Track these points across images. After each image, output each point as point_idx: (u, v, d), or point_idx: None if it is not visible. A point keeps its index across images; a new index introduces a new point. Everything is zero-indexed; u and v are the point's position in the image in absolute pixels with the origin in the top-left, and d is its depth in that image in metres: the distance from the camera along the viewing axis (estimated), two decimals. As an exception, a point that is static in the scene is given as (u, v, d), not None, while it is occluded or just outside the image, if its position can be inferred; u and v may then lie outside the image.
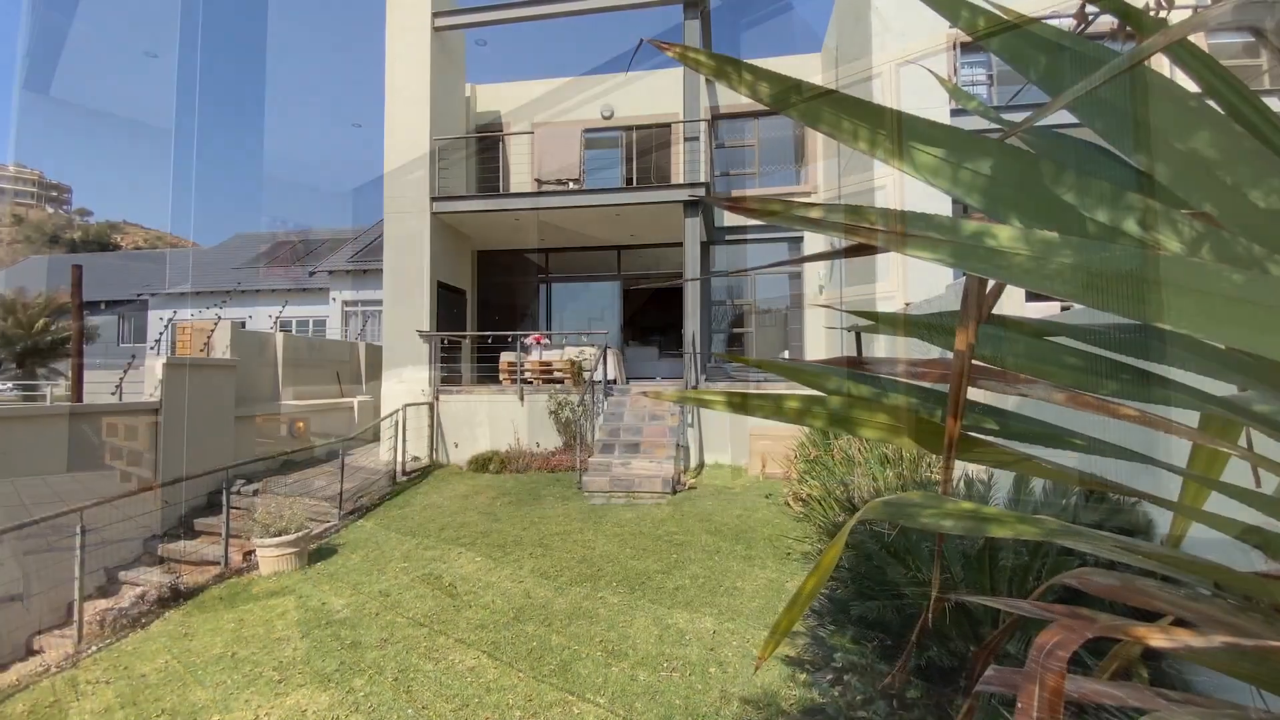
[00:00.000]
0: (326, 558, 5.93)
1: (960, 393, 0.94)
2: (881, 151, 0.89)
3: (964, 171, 0.90)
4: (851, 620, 3.20)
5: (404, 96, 10.60)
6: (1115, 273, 0.74)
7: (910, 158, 0.89)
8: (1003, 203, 0.90)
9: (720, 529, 5.99)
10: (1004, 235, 0.79)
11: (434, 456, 9.91)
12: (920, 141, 0.90)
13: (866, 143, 0.89)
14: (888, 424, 1.09)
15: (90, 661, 4.28)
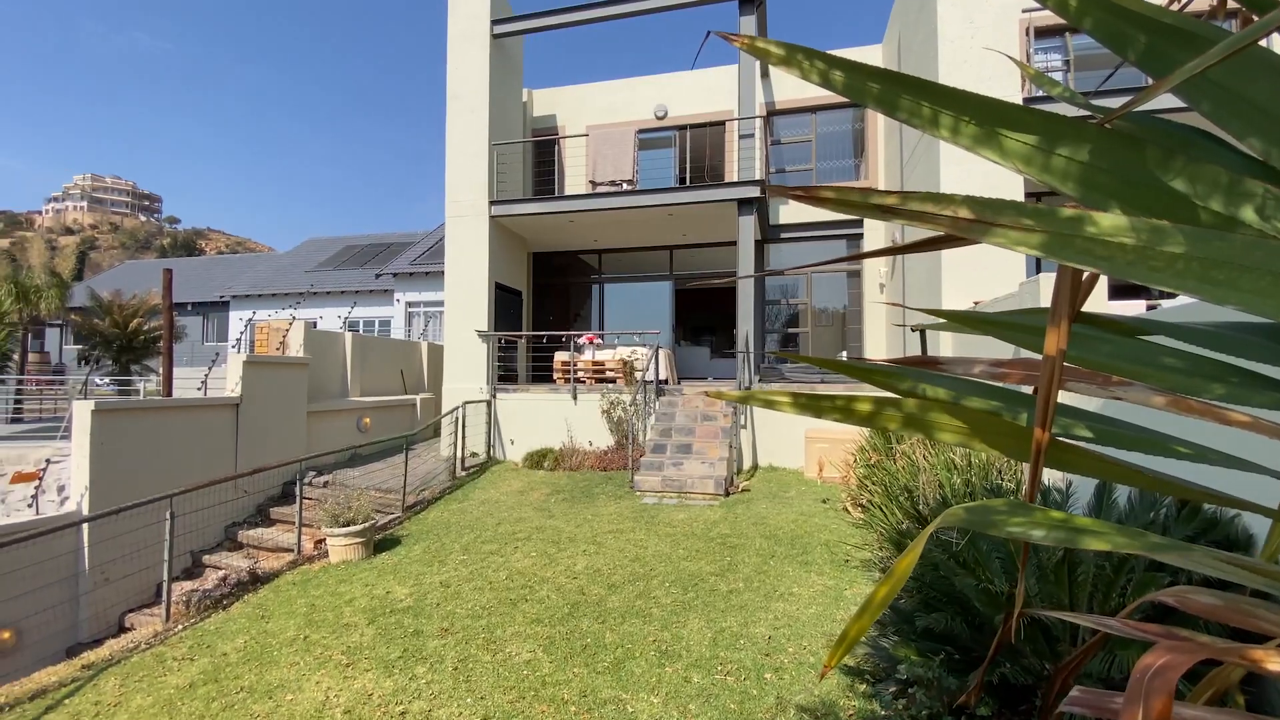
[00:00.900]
0: (390, 548, 6.16)
1: (1051, 396, 0.89)
2: (965, 138, 0.85)
3: (1057, 158, 0.84)
4: (917, 632, 3.07)
5: (464, 104, 10.91)
6: (1236, 264, 0.67)
7: (997, 144, 0.85)
8: (1102, 190, 0.84)
9: (775, 533, 5.88)
10: (1106, 223, 0.73)
11: (491, 453, 10.17)
12: (1009, 127, 0.85)
13: (948, 130, 0.85)
14: (967, 428, 1.04)
15: (176, 639, 4.59)
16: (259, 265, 25.14)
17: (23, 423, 11.02)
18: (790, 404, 1.05)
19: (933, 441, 4.19)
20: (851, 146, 12.00)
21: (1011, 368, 1.18)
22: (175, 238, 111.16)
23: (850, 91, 0.88)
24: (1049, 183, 0.84)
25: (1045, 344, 0.89)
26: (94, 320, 13.57)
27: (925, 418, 1.03)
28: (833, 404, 1.04)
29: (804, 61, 0.90)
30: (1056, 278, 0.89)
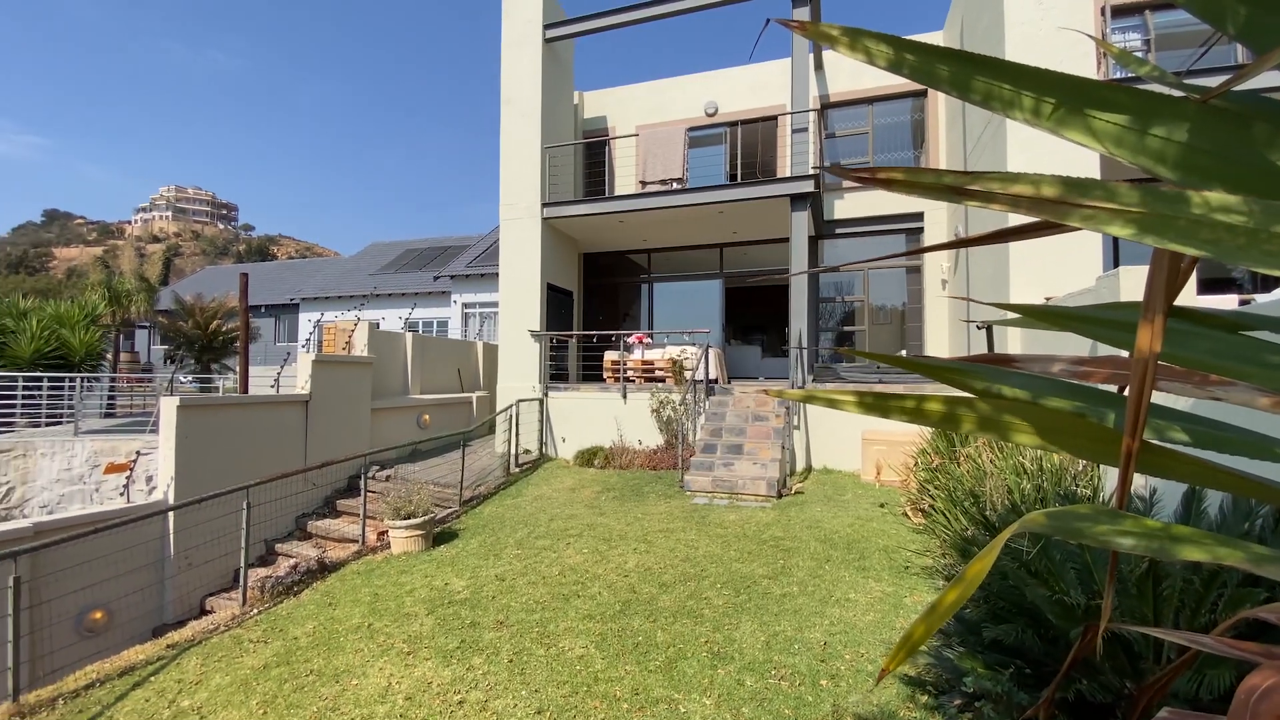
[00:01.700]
0: (448, 541, 6.35)
1: (1143, 396, 0.82)
2: (1048, 120, 0.80)
3: (1152, 139, 0.78)
4: (984, 643, 2.93)
5: (517, 109, 11.13)
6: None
7: (1084, 125, 0.79)
8: (1202, 172, 0.77)
9: (830, 537, 5.74)
10: (1214, 201, 0.67)
11: (543, 450, 10.34)
12: (1097, 107, 0.79)
13: (1029, 112, 0.80)
14: (1047, 430, 0.98)
15: (252, 622, 4.86)
16: (326, 269, 26.38)
17: (115, 417, 11.92)
18: (855, 404, 1.02)
19: (1009, 444, 4.02)
20: (910, 138, 11.59)
21: (1096, 366, 1.11)
22: (250, 244, 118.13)
23: (921, 75, 0.84)
24: (1143, 165, 0.78)
25: (1137, 340, 0.82)
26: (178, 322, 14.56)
27: (1002, 419, 0.98)
28: (901, 404, 1.00)
29: (871, 45, 0.86)
30: (1151, 265, 0.83)
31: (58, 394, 10.31)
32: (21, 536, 5.47)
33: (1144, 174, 0.76)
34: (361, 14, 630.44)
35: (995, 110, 0.81)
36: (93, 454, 8.63)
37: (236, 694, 3.69)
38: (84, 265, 79.00)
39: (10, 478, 8.69)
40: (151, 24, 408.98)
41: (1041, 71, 0.79)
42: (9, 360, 11.33)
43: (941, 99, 11.10)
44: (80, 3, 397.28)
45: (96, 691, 3.96)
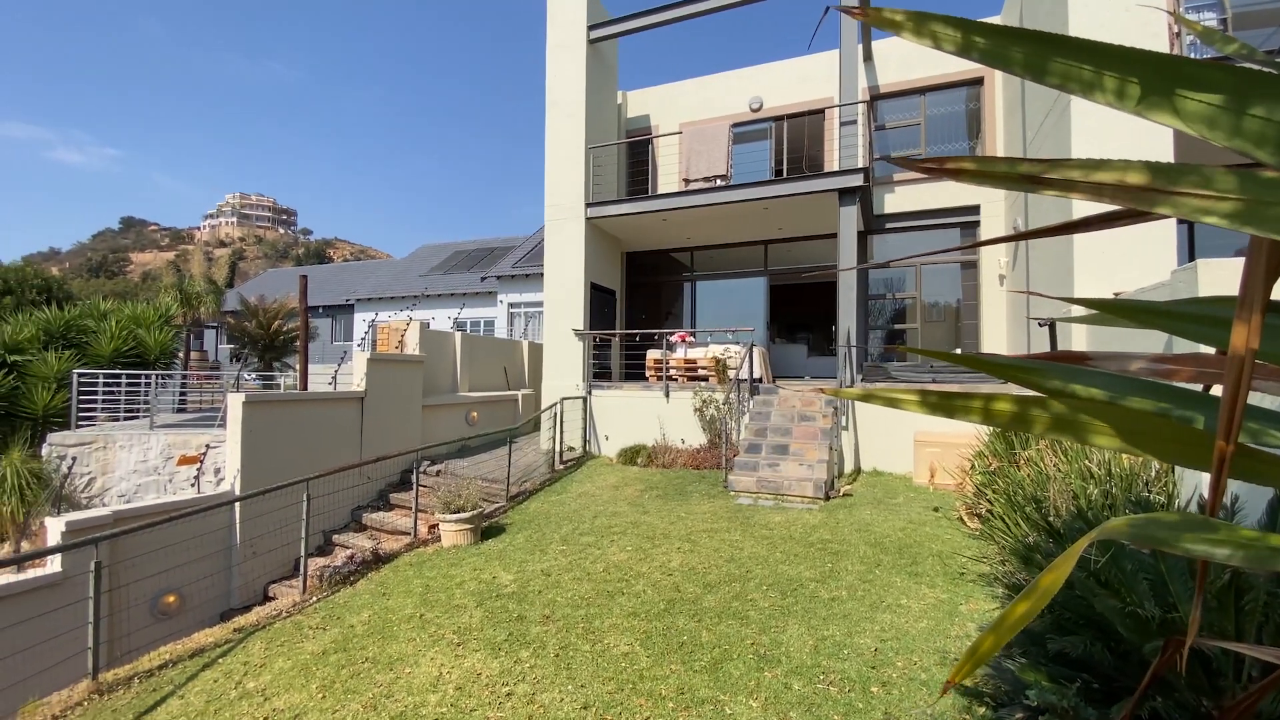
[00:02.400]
0: (495, 535, 6.48)
1: (1239, 396, 0.77)
2: (1132, 102, 0.75)
3: (1251, 119, 0.73)
4: (1048, 655, 2.80)
5: (562, 110, 11.25)
6: None
7: (1172, 106, 0.74)
8: (1310, 155, 0.71)
9: (881, 541, 5.59)
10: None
11: (587, 447, 10.43)
12: (1188, 86, 0.74)
13: (1111, 94, 0.76)
14: (1128, 432, 0.92)
15: (311, 609, 5.07)
16: (379, 271, 27.29)
17: (186, 412, 12.63)
18: (918, 404, 0.98)
19: (1085, 446, 3.84)
20: (965, 128, 11.16)
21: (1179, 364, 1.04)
22: (308, 247, 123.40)
23: (992, 58, 0.81)
24: (1239, 148, 0.73)
25: (1233, 336, 0.77)
26: (243, 322, 15.31)
27: (1079, 420, 0.92)
28: (968, 404, 0.96)
29: (938, 29, 0.83)
30: (1248, 256, 0.77)
31: (134, 390, 10.99)
32: (102, 524, 5.85)
33: (1240, 158, 0.71)
34: (410, 21, 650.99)
35: (1074, 93, 0.77)
36: (166, 447, 9.16)
37: (297, 677, 3.86)
38: (158, 269, 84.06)
39: (92, 468, 9.31)
40: (213, 38, 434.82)
41: (1127, 50, 0.74)
42: (91, 358, 12.15)
43: (999, 87, 10.65)
44: (148, 20, 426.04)
45: (169, 671, 4.21)
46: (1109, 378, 1.03)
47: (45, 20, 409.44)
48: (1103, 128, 6.70)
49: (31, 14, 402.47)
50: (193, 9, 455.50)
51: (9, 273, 22.11)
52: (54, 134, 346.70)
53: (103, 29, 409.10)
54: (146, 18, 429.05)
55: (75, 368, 11.17)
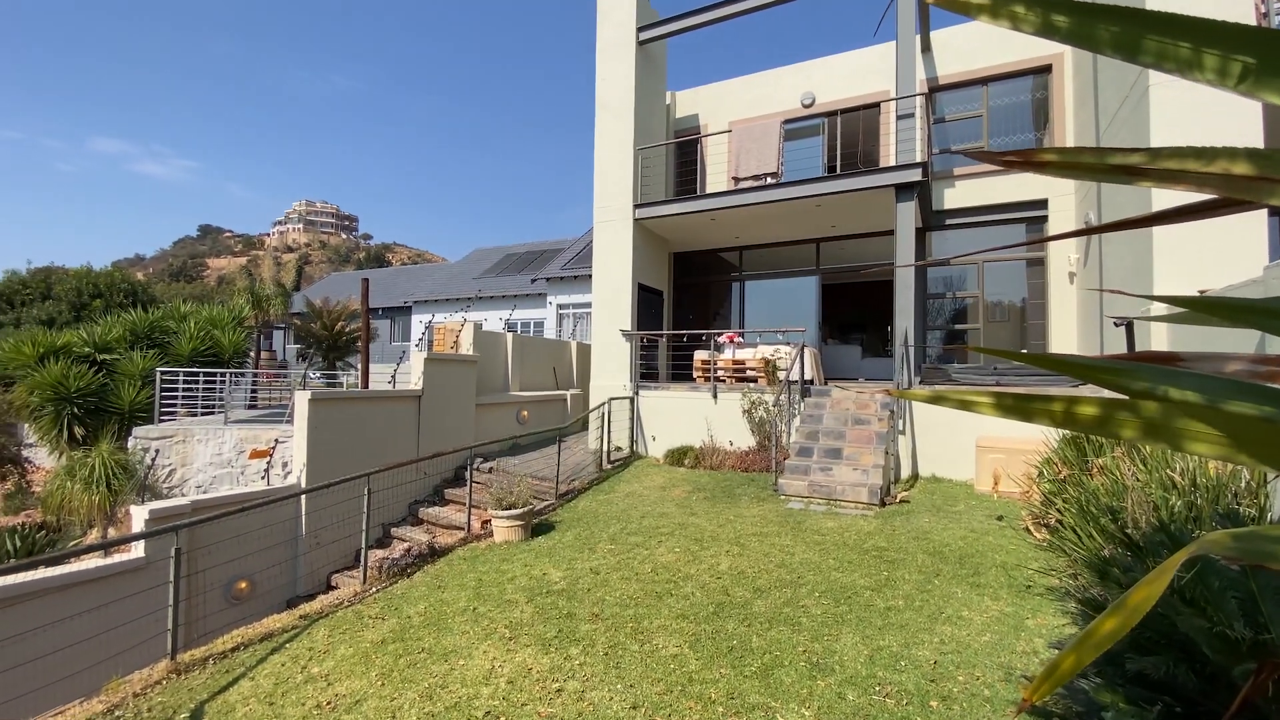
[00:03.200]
0: (545, 533, 6.57)
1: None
2: (1240, 81, 0.69)
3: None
4: (1126, 676, 2.63)
5: (611, 112, 11.33)
6: None
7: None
8: None
9: (940, 550, 5.38)
10: None
11: (634, 447, 10.46)
12: (1308, 59, 0.67)
13: (1213, 72, 0.70)
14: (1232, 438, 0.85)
15: (371, 600, 5.26)
16: (435, 274, 28.16)
17: (256, 408, 13.34)
18: (992, 406, 0.93)
19: (1179, 453, 3.61)
20: (1031, 119, 10.63)
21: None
22: (368, 252, 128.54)
23: (1076, 38, 0.76)
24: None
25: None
26: (309, 323, 16.07)
27: (1172, 425, 0.86)
28: (1047, 407, 0.90)
29: (1017, 10, 0.78)
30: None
31: (210, 387, 11.69)
32: (181, 513, 6.24)
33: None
34: (464, 31, 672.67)
35: (1170, 72, 0.71)
36: (239, 441, 9.71)
37: (358, 665, 4.01)
38: (231, 273, 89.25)
39: (172, 460, 9.96)
40: (281, 55, 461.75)
41: (1231, 26, 0.68)
42: (172, 357, 13.00)
43: (1069, 75, 10.09)
44: (221, 39, 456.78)
45: (241, 654, 4.44)
46: (1204, 380, 0.95)
47: (127, 42, 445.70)
48: (1184, 115, 6.26)
49: (114, 37, 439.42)
50: (259, 28, 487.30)
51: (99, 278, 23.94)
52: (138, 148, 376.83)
53: (178, 49, 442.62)
54: (218, 37, 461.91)
55: (158, 366, 11.96)
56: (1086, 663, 0.81)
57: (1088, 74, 9.03)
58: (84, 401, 11.41)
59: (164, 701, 3.81)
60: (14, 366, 11.94)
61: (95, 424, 11.50)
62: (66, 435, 11.31)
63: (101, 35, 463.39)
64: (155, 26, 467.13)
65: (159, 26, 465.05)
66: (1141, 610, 0.77)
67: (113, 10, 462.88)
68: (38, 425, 11.53)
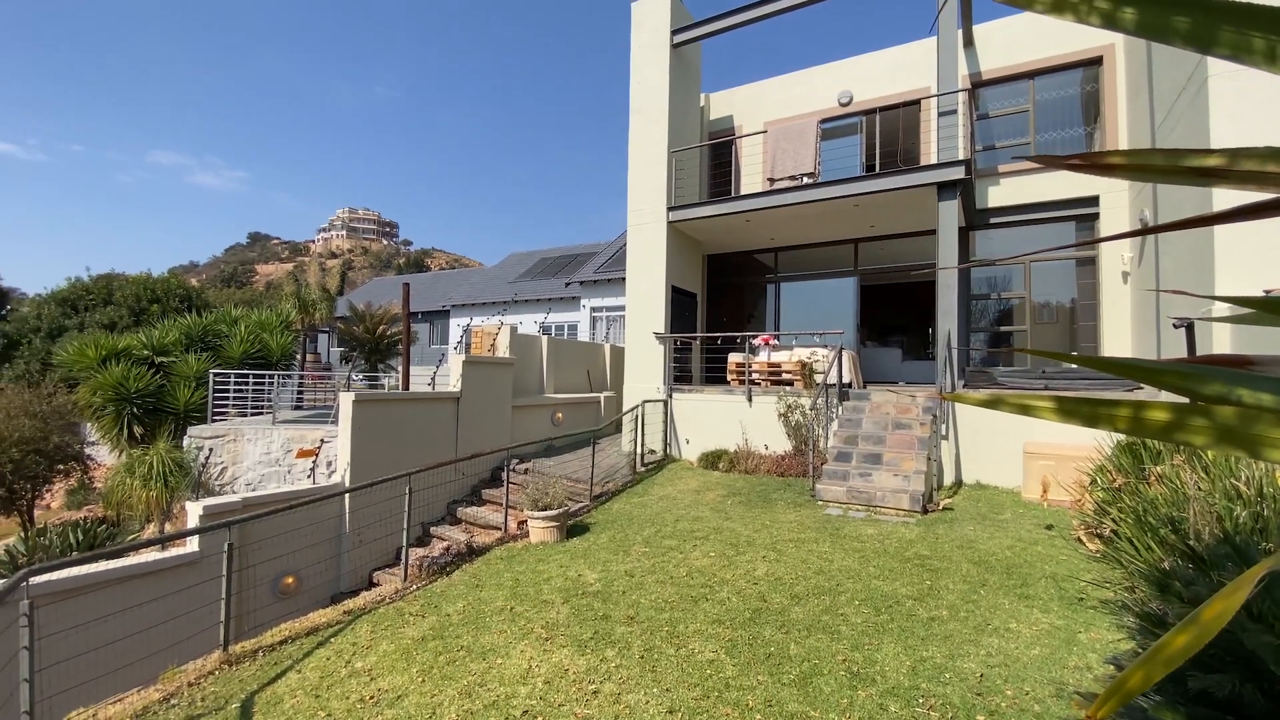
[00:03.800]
0: (580, 534, 6.61)
1: None
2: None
3: None
4: (1188, 694, 2.50)
5: (645, 116, 11.37)
6: None
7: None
8: None
9: (985, 559, 5.22)
10: None
11: (667, 450, 10.44)
12: None
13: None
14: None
15: (411, 597, 5.37)
16: (472, 278, 28.68)
17: (302, 409, 13.79)
18: (1053, 411, 0.89)
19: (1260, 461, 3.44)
20: (1081, 112, 10.24)
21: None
22: (408, 257, 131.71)
23: (1146, 29, 0.73)
24: None
25: None
26: (352, 327, 16.52)
27: (1250, 431, 0.81)
28: (1113, 412, 0.87)
29: (1079, 2, 0.75)
30: None
31: (259, 388, 12.13)
32: (233, 509, 6.49)
33: None
34: (499, 40, 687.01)
35: (1248, 63, 0.68)
36: (286, 441, 10.04)
37: (399, 661, 4.09)
38: (278, 279, 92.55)
39: (224, 458, 10.36)
40: (324, 68, 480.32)
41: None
42: (223, 360, 13.53)
43: (1121, 66, 9.69)
44: (267, 54, 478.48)
45: (289, 647, 4.58)
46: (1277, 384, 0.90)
47: (182, 57, 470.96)
48: (1246, 106, 5.94)
49: (169, 51, 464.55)
50: (304, 42, 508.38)
51: (157, 284, 25.10)
52: (192, 160, 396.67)
53: (228, 63, 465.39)
54: (265, 51, 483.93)
55: (211, 368, 12.47)
56: (1155, 680, 0.77)
57: (1141, 65, 8.66)
58: (143, 402, 11.96)
59: (216, 691, 3.96)
60: (78, 368, 12.60)
61: (153, 423, 12.05)
62: (126, 434, 11.87)
63: (160, 54, 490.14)
64: (209, 41, 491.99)
65: (212, 43, 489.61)
66: (1215, 626, 0.74)
67: (168, 32, 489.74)
68: (100, 424, 12.13)
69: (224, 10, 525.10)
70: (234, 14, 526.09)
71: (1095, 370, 0.89)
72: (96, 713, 3.78)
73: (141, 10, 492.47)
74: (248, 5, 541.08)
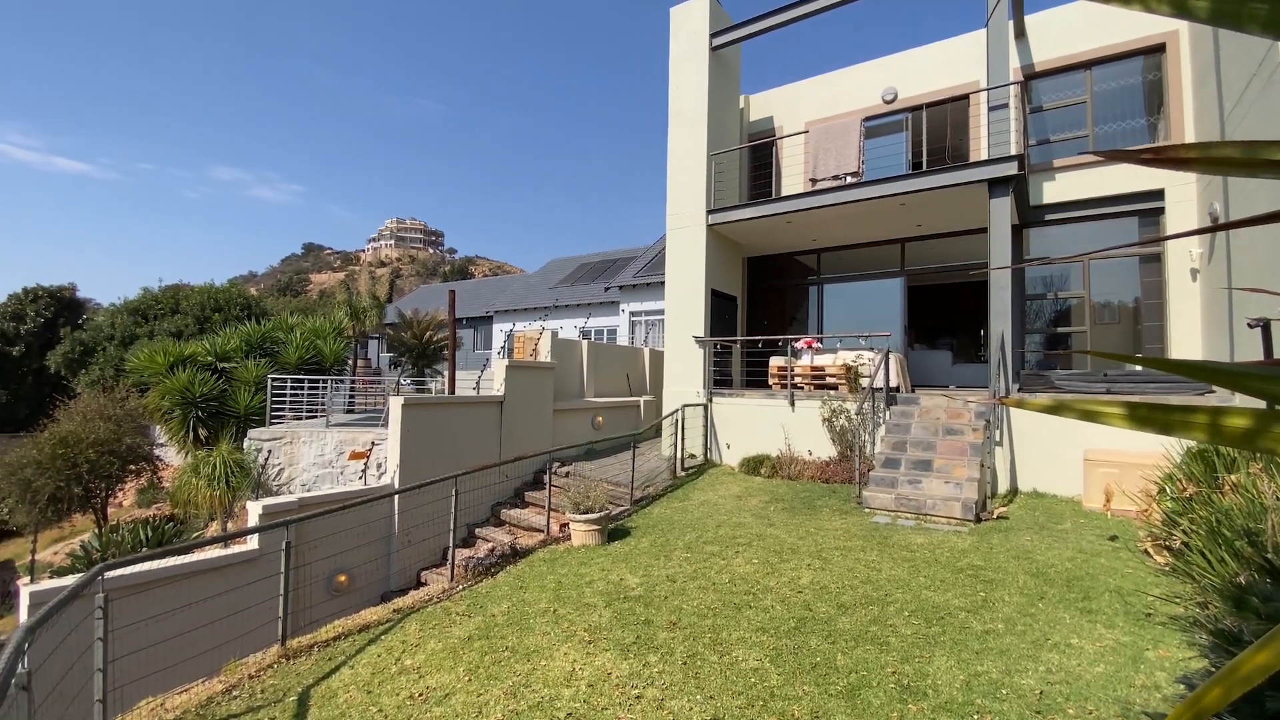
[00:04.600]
0: (621, 538, 6.62)
1: None
2: None
3: None
4: (1266, 715, 2.34)
5: (684, 120, 11.36)
6: None
7: None
8: None
9: (1044, 571, 4.99)
10: None
11: (708, 455, 10.37)
12: None
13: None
14: None
15: (458, 597, 5.48)
16: (514, 285, 29.19)
17: (354, 413, 14.26)
18: (1123, 417, 0.85)
19: None
20: (1143, 102, 9.74)
21: None
22: (454, 265, 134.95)
23: (1222, 17, 0.69)
24: None
25: None
26: (400, 333, 17.03)
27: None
28: (1189, 418, 0.82)
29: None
30: None
31: (314, 392, 12.62)
32: (290, 509, 6.76)
33: None
34: (540, 52, 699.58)
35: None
36: (339, 443, 10.41)
37: (447, 660, 4.18)
38: (331, 288, 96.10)
39: (281, 460, 10.80)
40: (371, 83, 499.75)
41: None
42: (280, 365, 14.12)
43: (1186, 53, 9.18)
44: (318, 71, 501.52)
45: (342, 643, 4.74)
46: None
47: (241, 78, 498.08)
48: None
49: (230, 72, 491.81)
50: (354, 59, 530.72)
51: (219, 293, 26.45)
52: (251, 175, 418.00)
53: (284, 83, 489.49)
54: (317, 69, 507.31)
55: (269, 373, 13.04)
56: (1232, 698, 0.73)
57: (1207, 52, 8.19)
58: (206, 405, 12.60)
59: (275, 684, 4.13)
60: (148, 374, 13.37)
61: (216, 426, 12.68)
62: (192, 436, 12.52)
63: (222, 75, 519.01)
64: (266, 63, 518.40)
65: (269, 64, 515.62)
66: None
67: (229, 55, 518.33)
68: (168, 427, 12.84)
69: (281, 33, 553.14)
70: (290, 36, 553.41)
71: (1165, 373, 0.83)
72: (164, 701, 3.98)
73: (200, 35, 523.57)
74: (302, 27, 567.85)
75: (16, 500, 12.48)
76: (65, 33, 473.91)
